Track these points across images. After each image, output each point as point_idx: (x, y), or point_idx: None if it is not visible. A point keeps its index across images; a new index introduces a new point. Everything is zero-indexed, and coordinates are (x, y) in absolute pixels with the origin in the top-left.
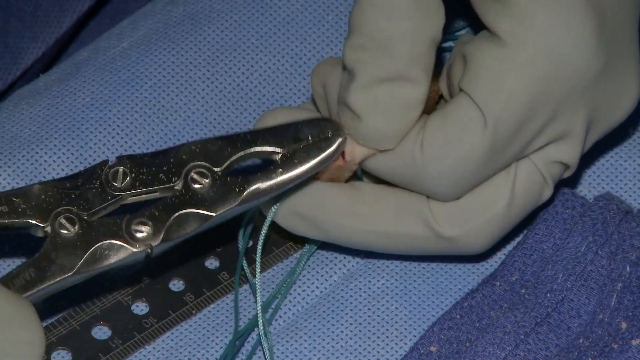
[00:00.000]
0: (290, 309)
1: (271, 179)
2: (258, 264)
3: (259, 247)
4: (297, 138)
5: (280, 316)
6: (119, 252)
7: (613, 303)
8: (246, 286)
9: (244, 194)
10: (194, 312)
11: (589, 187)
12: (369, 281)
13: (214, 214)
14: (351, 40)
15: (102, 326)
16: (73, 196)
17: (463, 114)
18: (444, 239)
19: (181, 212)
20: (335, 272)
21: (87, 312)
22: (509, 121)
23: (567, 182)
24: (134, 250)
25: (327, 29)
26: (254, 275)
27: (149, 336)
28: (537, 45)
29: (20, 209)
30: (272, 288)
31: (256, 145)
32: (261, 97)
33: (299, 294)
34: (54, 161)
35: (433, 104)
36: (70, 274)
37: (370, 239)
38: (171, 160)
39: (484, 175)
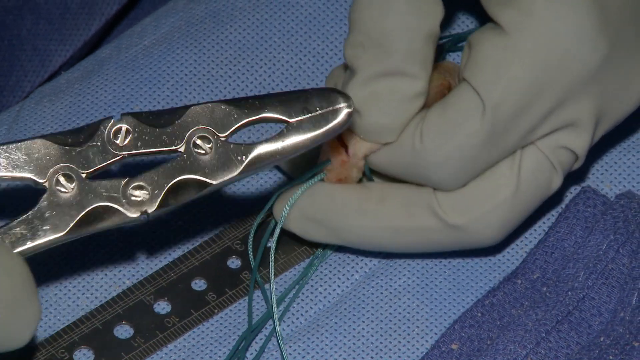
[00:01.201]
0: (312, 307)
1: (274, 146)
2: (271, 267)
3: (272, 252)
4: (306, 109)
5: (302, 314)
6: (113, 217)
7: (634, 301)
8: (267, 285)
9: (245, 163)
10: (215, 311)
11: (611, 185)
12: (390, 279)
13: (213, 182)
14: (350, 38)
15: (125, 325)
16: (74, 153)
17: (462, 100)
18: (453, 228)
19: (180, 178)
20: (357, 271)
21: (110, 311)
22: (507, 108)
23: (589, 181)
24: (130, 215)
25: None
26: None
27: (170, 335)
28: (538, 35)
29: (19, 163)
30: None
31: (264, 112)
32: None
33: (321, 293)
34: None
35: (442, 97)
36: (62, 234)
37: (381, 237)
38: (176, 121)
39: (484, 161)
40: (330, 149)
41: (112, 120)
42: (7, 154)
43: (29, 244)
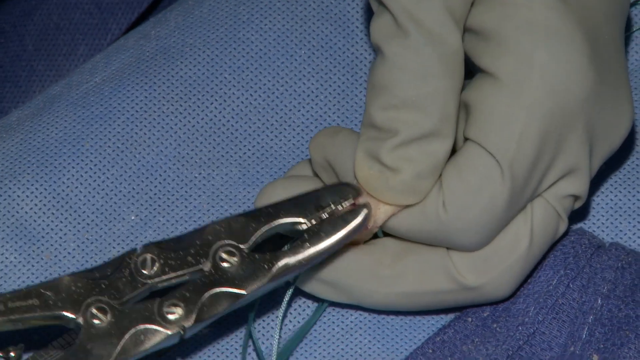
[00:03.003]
0: (263, 343)
1: (299, 253)
2: (278, 334)
3: (281, 311)
4: (319, 206)
5: (254, 349)
6: (154, 336)
7: (584, 336)
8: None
9: (273, 270)
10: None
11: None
12: (342, 315)
13: (245, 292)
14: (381, 100)
15: None
16: (103, 286)
17: (478, 164)
18: (469, 289)
19: (212, 291)
20: (309, 306)
21: None
22: (523, 163)
23: None
24: (168, 332)
25: (299, 64)
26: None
27: None
28: (540, 83)
29: (51, 302)
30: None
31: (279, 217)
32: (234, 132)
33: (272, 328)
34: (27, 196)
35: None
36: None
37: (395, 300)
38: (197, 242)
39: (506, 220)
40: None
41: (136, 252)
42: (37, 294)
43: None
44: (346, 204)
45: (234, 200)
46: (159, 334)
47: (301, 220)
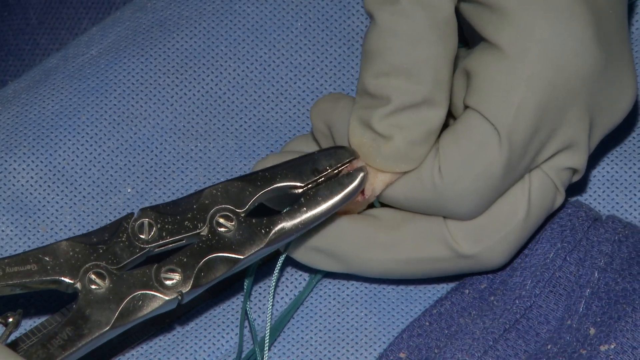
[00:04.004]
0: (259, 316)
1: (296, 218)
2: (270, 305)
3: (273, 283)
4: (316, 170)
5: (250, 322)
6: (152, 302)
7: (581, 309)
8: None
9: (270, 234)
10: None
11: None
12: (339, 288)
13: (242, 257)
14: (373, 67)
15: None
16: (101, 251)
17: (476, 131)
18: (465, 257)
19: (209, 257)
20: (305, 279)
21: None
22: (522, 133)
23: None
24: (166, 298)
25: (295, 36)
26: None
27: None
28: (541, 55)
29: (49, 267)
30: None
31: (276, 181)
32: (230, 104)
33: (269, 301)
34: (23, 169)
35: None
36: (106, 329)
37: (391, 267)
38: (194, 206)
39: (502, 189)
40: None
41: (134, 216)
42: (35, 260)
43: (77, 345)
44: (342, 168)
45: (230, 172)
46: (157, 300)
47: (297, 184)
